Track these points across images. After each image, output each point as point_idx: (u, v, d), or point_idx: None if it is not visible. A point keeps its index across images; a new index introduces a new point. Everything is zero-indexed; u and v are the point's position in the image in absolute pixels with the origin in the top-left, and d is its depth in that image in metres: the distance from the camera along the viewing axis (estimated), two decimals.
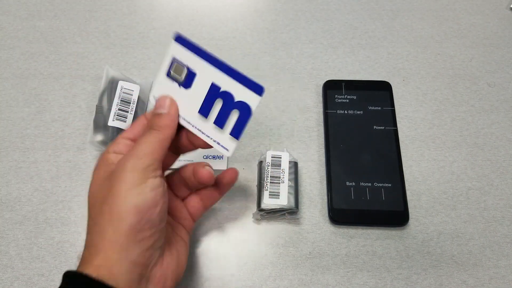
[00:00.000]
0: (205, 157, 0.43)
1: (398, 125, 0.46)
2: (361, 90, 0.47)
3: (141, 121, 0.33)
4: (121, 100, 0.44)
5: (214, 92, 0.31)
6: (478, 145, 0.45)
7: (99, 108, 0.44)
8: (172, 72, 0.32)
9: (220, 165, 0.43)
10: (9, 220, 0.41)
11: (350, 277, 0.39)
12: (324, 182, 0.43)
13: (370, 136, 0.44)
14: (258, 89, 0.31)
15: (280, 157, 0.41)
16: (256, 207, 0.41)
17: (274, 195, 0.40)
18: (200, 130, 0.32)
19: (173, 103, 0.32)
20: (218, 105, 0.32)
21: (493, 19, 0.53)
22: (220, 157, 0.44)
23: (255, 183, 0.43)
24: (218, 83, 0.31)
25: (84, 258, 0.28)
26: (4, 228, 0.41)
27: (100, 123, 0.44)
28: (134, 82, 0.46)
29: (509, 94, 0.48)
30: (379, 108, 0.46)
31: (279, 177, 0.40)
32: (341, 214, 0.41)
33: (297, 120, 0.47)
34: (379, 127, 0.45)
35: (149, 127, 0.31)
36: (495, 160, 0.44)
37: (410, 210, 0.41)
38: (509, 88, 0.48)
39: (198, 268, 0.39)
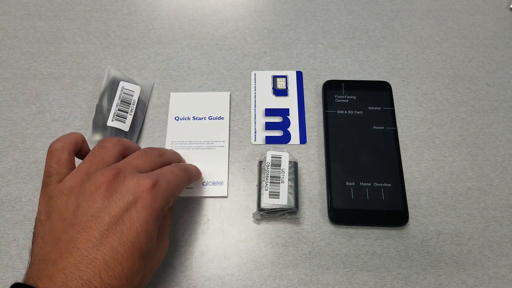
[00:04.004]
0: (204, 183, 0.43)
1: (398, 125, 0.46)
2: (361, 90, 0.47)
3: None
4: (121, 101, 0.44)
5: None
6: (477, 145, 0.45)
7: (98, 108, 0.44)
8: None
9: (220, 192, 0.42)
10: (10, 220, 0.42)
11: (350, 276, 0.39)
12: (324, 182, 0.43)
13: (370, 136, 0.44)
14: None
15: (280, 157, 0.41)
16: (256, 207, 0.41)
17: (274, 195, 0.40)
18: None
19: None
20: None
21: (493, 19, 0.53)
22: (220, 183, 0.43)
23: (255, 183, 0.43)
24: None
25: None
26: (5, 228, 0.41)
27: (99, 123, 0.44)
28: (135, 83, 0.46)
29: (509, 94, 0.48)
30: (379, 108, 0.46)
31: (279, 177, 0.40)
32: (341, 214, 0.41)
33: None
34: (379, 127, 0.45)
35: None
36: (495, 160, 0.44)
37: (409, 210, 0.41)
38: (509, 88, 0.48)
39: (198, 268, 0.39)
